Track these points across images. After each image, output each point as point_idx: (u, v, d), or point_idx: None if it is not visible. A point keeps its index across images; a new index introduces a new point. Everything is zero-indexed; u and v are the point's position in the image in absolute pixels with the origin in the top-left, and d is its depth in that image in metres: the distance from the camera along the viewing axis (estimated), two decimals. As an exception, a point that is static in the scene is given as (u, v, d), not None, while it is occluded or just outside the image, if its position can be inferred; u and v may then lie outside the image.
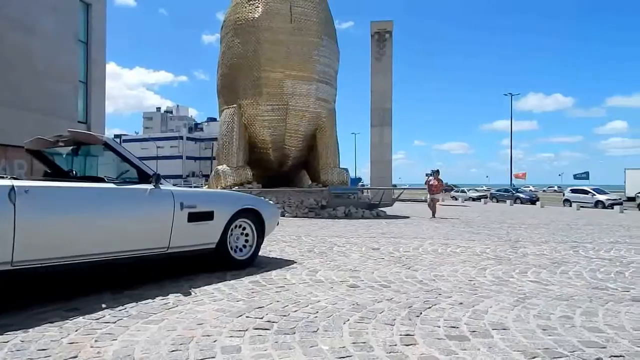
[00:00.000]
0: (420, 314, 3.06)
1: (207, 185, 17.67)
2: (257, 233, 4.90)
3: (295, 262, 5.08)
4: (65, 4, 13.48)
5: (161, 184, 3.94)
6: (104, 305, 3.13)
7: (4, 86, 11.10)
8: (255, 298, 3.43)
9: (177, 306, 3.17)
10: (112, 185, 3.72)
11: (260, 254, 5.13)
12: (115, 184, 3.78)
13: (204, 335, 2.57)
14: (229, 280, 4.07)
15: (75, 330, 2.63)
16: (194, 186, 34.99)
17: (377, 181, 24.66)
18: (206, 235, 4.31)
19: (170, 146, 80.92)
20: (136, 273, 4.23)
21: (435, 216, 13.42)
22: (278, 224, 5.57)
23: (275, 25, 14.80)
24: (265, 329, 2.70)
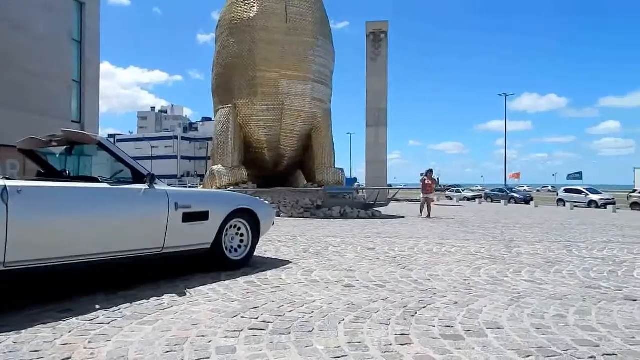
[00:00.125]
0: (416, 313, 3.06)
1: (202, 185, 17.62)
2: (253, 233, 4.89)
3: (291, 262, 5.08)
4: (59, 3, 13.39)
5: (156, 184, 3.92)
6: (97, 306, 3.11)
7: (-4, 85, 11.01)
8: (250, 298, 3.43)
9: (172, 307, 3.15)
10: (106, 185, 3.70)
11: (255, 254, 5.12)
12: (109, 184, 3.76)
13: (198, 336, 2.56)
14: (224, 280, 4.06)
15: (69, 332, 2.61)
16: (189, 186, 34.87)
17: (373, 181, 24.69)
18: (201, 236, 4.30)
19: (165, 146, 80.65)
20: (130, 273, 4.21)
21: (431, 216, 13.46)
22: (273, 224, 5.56)
23: (271, 25, 14.78)
24: (261, 329, 2.69)
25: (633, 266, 5.15)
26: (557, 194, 31.45)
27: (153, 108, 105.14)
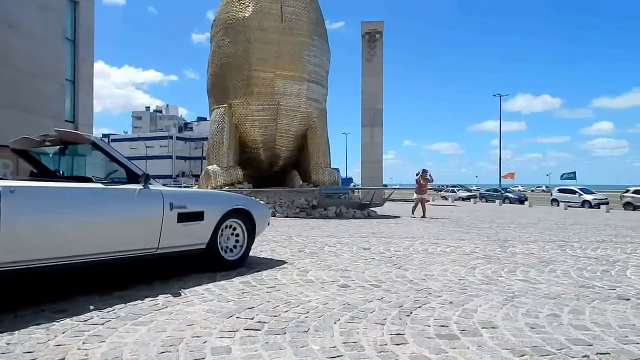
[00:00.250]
0: (411, 313, 3.07)
1: (197, 186, 17.56)
2: (248, 233, 4.88)
3: (286, 262, 5.07)
4: (53, 1, 13.30)
5: (150, 184, 3.90)
6: (91, 307, 3.09)
7: (-11, 85, 10.92)
8: (245, 298, 3.42)
9: (167, 307, 3.14)
10: (100, 186, 3.68)
11: (251, 254, 5.11)
12: (103, 184, 3.74)
13: (193, 337, 2.55)
14: (219, 280, 4.05)
15: (63, 332, 2.59)
16: (184, 186, 34.75)
17: (368, 181, 24.75)
18: (196, 236, 4.28)
19: (160, 146, 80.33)
20: (125, 274, 4.18)
21: (426, 216, 13.50)
22: (269, 224, 5.55)
23: (266, 25, 14.76)
24: (256, 330, 2.69)
25: (626, 265, 5.19)
26: (551, 194, 31.63)
27: (148, 108, 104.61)
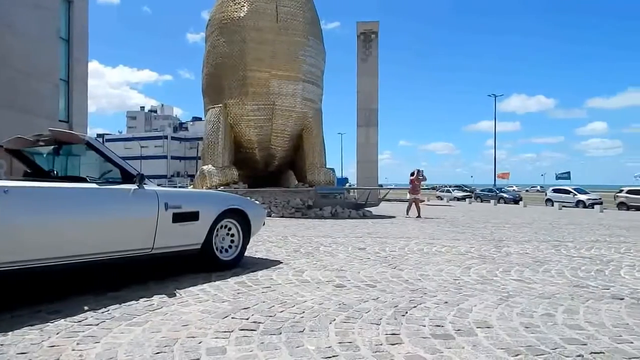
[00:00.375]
0: (406, 313, 3.08)
1: (193, 186, 17.50)
2: (243, 233, 4.87)
3: (282, 263, 5.07)
4: (47, 0, 13.20)
5: (145, 184, 3.88)
6: (86, 308, 3.07)
7: (-18, 84, 10.83)
8: (241, 299, 3.41)
9: (162, 308, 3.13)
10: (95, 186, 3.65)
11: (246, 254, 5.10)
12: (97, 184, 3.71)
13: (188, 337, 2.55)
14: (215, 281, 4.04)
15: (57, 333, 2.57)
16: (179, 186, 34.64)
17: (364, 181, 24.76)
18: (191, 236, 4.27)
19: (155, 146, 79.99)
20: (120, 274, 4.16)
21: (421, 216, 13.53)
22: (264, 224, 5.55)
23: (261, 25, 14.74)
24: (251, 330, 2.68)
25: (620, 265, 5.22)
26: (546, 194, 31.81)
27: (142, 108, 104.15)
